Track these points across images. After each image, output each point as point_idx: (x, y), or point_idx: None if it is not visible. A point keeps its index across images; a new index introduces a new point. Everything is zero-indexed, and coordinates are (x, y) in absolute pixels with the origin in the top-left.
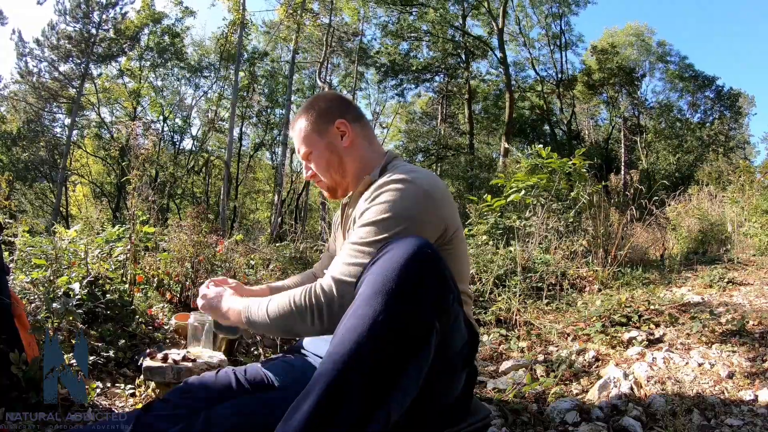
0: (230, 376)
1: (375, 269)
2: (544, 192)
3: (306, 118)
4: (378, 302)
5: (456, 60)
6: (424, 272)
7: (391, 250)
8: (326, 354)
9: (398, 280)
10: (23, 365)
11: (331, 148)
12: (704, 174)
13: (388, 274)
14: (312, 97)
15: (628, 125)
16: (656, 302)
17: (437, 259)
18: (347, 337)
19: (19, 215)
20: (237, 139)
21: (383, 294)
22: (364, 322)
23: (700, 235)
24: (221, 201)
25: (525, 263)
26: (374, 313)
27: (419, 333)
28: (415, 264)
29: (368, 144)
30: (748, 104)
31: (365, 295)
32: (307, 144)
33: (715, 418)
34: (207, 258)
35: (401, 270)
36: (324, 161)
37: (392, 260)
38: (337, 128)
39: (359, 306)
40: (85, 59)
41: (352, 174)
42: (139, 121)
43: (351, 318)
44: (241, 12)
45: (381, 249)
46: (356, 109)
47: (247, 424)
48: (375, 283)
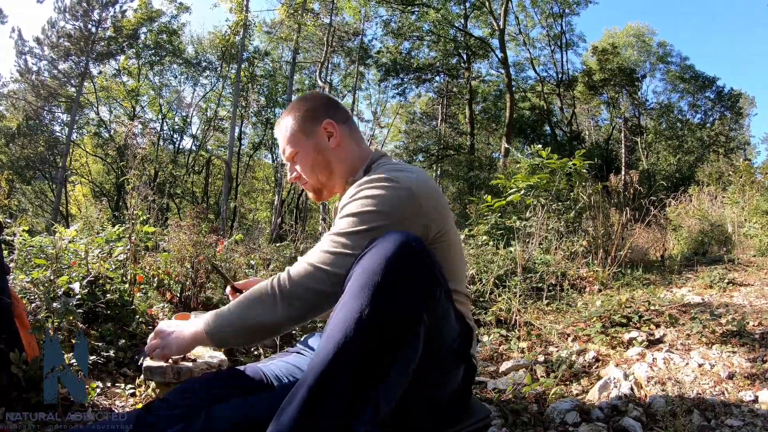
0: (231, 375)
1: (362, 263)
2: (544, 192)
3: (292, 117)
4: (364, 296)
5: (457, 60)
6: (410, 265)
7: (378, 245)
8: (316, 349)
9: (384, 273)
10: (23, 365)
11: (317, 149)
12: (705, 174)
13: (375, 268)
14: (298, 97)
15: (628, 126)
16: (656, 303)
17: (424, 253)
18: (335, 332)
19: (18, 214)
20: (236, 138)
21: (369, 287)
22: (351, 316)
23: (701, 236)
24: (221, 200)
25: (525, 264)
26: (360, 306)
27: (406, 325)
28: (401, 257)
29: (356, 145)
30: (749, 105)
31: (352, 289)
32: (293, 144)
33: (715, 419)
34: (207, 258)
35: (387, 263)
36: (310, 162)
37: (378, 254)
38: (325, 129)
39: (347, 301)
40: (85, 57)
41: (339, 175)
42: (137, 120)
43: (339, 312)
44: (245, 14)
45: (368, 244)
46: (344, 110)
47: (247, 424)
48: (361, 277)
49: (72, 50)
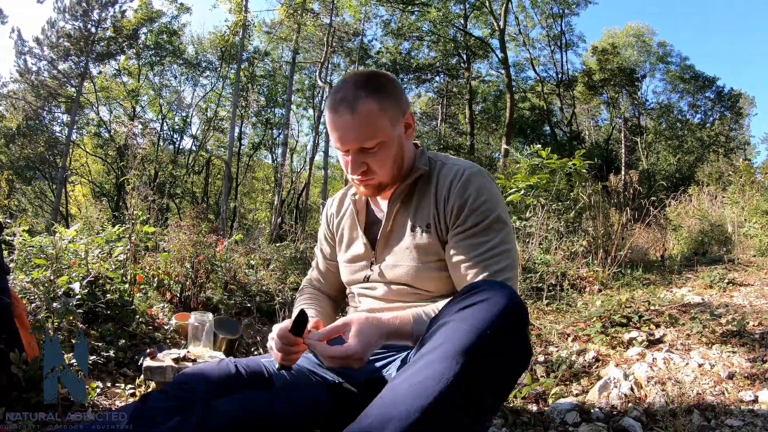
0: (230, 368)
1: (465, 317)
2: (544, 192)
3: (376, 102)
4: (459, 362)
5: (457, 60)
6: (514, 336)
7: (480, 303)
8: (387, 393)
9: (485, 341)
10: (23, 365)
11: (399, 141)
12: (705, 174)
13: (472, 334)
14: (374, 74)
15: (628, 126)
16: (656, 303)
17: (526, 318)
18: (419, 390)
19: (18, 214)
20: (236, 138)
21: (466, 354)
22: (444, 380)
23: (701, 236)
24: (221, 201)
25: (525, 263)
26: (454, 374)
27: (500, 398)
28: (506, 326)
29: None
30: (749, 105)
31: (447, 348)
32: (378, 133)
33: (715, 419)
34: (207, 258)
35: (490, 330)
36: (392, 155)
37: (480, 317)
38: (406, 120)
39: (436, 360)
40: (85, 58)
41: (405, 168)
42: (137, 120)
43: (424, 370)
44: (244, 14)
45: (471, 292)
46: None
47: (245, 418)
48: (461, 336)
49: (72, 50)
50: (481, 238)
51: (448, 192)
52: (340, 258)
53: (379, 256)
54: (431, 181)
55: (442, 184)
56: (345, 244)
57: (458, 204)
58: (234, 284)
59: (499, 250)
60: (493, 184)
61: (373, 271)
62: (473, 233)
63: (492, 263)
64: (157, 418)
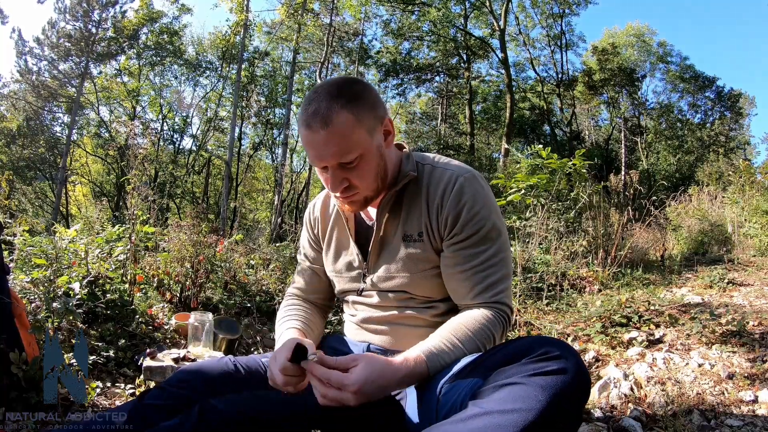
0: (229, 366)
1: (535, 386)
2: (544, 192)
3: (351, 112)
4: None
5: (457, 60)
6: (580, 408)
7: (557, 375)
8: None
9: (558, 416)
10: (23, 365)
11: (379, 151)
12: (705, 174)
13: (551, 407)
14: (346, 82)
15: (628, 126)
16: (656, 303)
17: (590, 389)
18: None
19: (19, 215)
20: (236, 138)
21: (543, 425)
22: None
23: (701, 236)
24: (221, 201)
25: (525, 263)
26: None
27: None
28: (579, 401)
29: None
30: (749, 105)
31: (526, 418)
32: (356, 146)
33: (715, 419)
34: (207, 258)
35: (567, 405)
36: (374, 167)
37: (558, 388)
38: (385, 127)
39: (497, 409)
40: (85, 58)
41: (390, 177)
42: (138, 120)
43: (482, 419)
44: (245, 14)
45: (541, 357)
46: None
47: (242, 418)
48: (535, 405)
49: (72, 50)
50: (476, 248)
51: (441, 200)
52: (329, 268)
53: (372, 268)
54: (421, 187)
55: (434, 191)
56: (333, 252)
57: (453, 214)
58: (234, 284)
59: (494, 260)
60: (487, 188)
61: (365, 283)
62: (469, 244)
63: (488, 274)
64: (155, 417)
